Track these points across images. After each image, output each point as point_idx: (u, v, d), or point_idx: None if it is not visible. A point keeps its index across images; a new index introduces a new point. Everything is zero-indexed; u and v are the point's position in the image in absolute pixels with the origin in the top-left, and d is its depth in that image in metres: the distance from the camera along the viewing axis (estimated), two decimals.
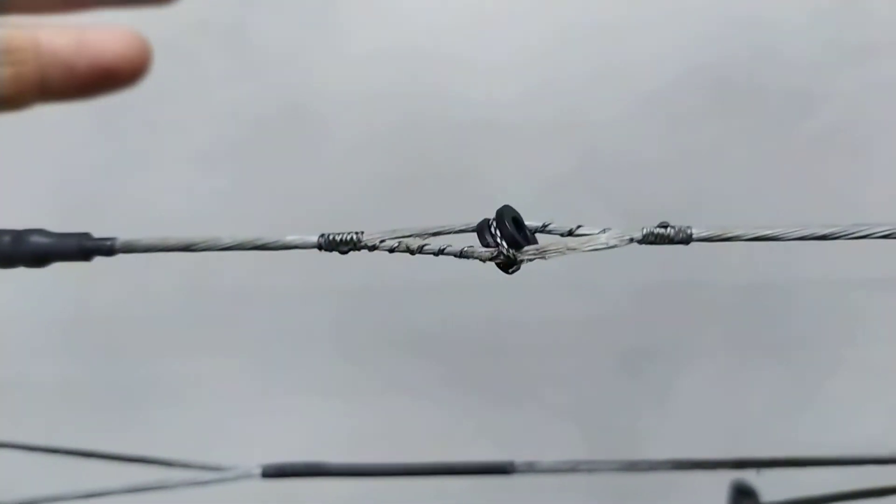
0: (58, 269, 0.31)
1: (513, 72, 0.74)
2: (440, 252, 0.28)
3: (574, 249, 0.28)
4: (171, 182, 0.74)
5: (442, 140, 0.79)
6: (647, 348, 0.84)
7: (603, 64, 0.74)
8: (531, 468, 0.33)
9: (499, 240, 0.27)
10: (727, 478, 0.37)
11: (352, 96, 0.73)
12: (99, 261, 0.31)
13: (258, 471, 0.35)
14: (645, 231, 0.28)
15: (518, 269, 0.28)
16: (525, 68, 0.73)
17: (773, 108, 0.76)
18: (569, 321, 0.80)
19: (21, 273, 0.31)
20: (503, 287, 0.85)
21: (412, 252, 0.28)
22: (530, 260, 0.28)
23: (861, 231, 0.27)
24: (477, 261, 0.28)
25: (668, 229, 0.28)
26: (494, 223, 0.28)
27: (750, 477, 0.35)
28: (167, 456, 0.36)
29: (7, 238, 0.30)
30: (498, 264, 0.28)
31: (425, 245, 0.28)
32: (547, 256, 0.28)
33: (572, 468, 0.34)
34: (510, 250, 0.27)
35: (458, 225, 0.29)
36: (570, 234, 0.28)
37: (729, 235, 0.28)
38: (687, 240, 0.28)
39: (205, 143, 0.74)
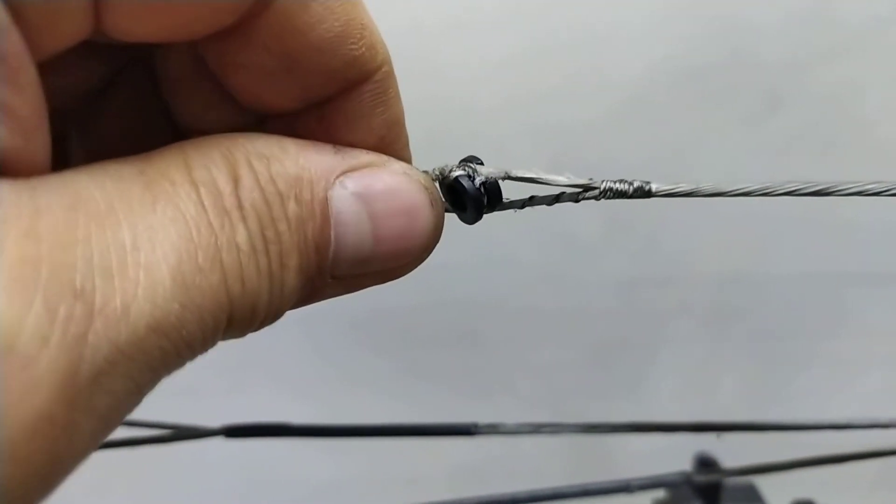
0: None
1: (492, 75, 0.74)
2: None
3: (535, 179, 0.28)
4: None
5: (422, 144, 0.79)
6: (621, 339, 0.85)
7: (581, 65, 0.75)
8: (494, 430, 0.33)
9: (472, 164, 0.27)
10: (687, 441, 0.37)
11: None
12: None
13: (221, 430, 0.35)
14: (605, 185, 0.28)
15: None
16: (505, 69, 0.74)
17: (746, 105, 0.76)
18: (544, 311, 0.81)
19: None
20: (479, 275, 0.85)
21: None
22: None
23: (836, 188, 0.28)
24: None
25: (627, 185, 0.28)
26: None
27: (710, 441, 0.35)
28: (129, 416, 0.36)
29: None
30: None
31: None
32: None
33: (534, 430, 0.34)
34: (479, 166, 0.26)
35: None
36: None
37: (687, 190, 0.28)
38: (647, 194, 0.28)
39: None
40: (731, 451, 0.45)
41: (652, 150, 0.77)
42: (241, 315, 0.21)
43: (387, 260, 0.24)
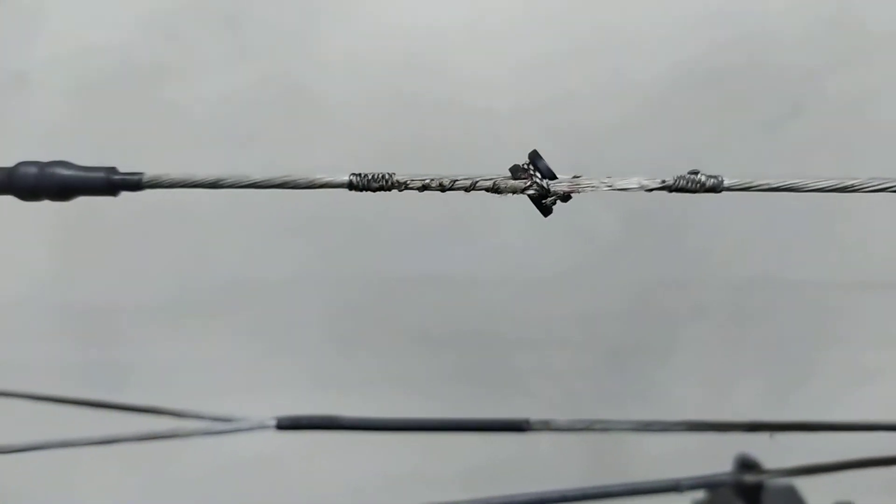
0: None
1: (513, 78, 0.74)
2: (472, 187, 0.28)
3: (609, 186, 0.28)
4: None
5: (440, 151, 0.79)
6: (638, 343, 0.84)
7: (602, 69, 0.74)
8: (546, 426, 0.33)
9: (532, 171, 0.27)
10: (739, 441, 0.37)
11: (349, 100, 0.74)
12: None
13: (273, 422, 0.35)
14: (677, 177, 0.28)
15: (552, 205, 0.28)
16: (526, 71, 0.74)
17: (766, 110, 0.76)
18: (562, 315, 0.80)
19: None
20: (498, 279, 0.85)
21: (443, 189, 0.28)
22: (564, 194, 0.28)
23: (881, 184, 0.28)
24: (508, 197, 0.28)
25: (700, 176, 0.28)
26: (528, 160, 0.28)
27: (763, 441, 0.35)
28: (180, 407, 0.36)
29: (33, 170, 0.30)
30: (531, 196, 0.27)
31: (456, 181, 0.28)
32: (580, 190, 0.28)
33: (587, 427, 0.33)
34: (544, 180, 0.27)
35: (488, 175, 0.29)
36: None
37: (758, 185, 0.28)
38: (717, 187, 0.28)
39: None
40: (767, 453, 0.45)
41: (671, 154, 0.77)
42: None
43: None
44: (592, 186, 0.28)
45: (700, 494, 0.45)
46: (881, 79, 0.76)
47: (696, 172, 0.28)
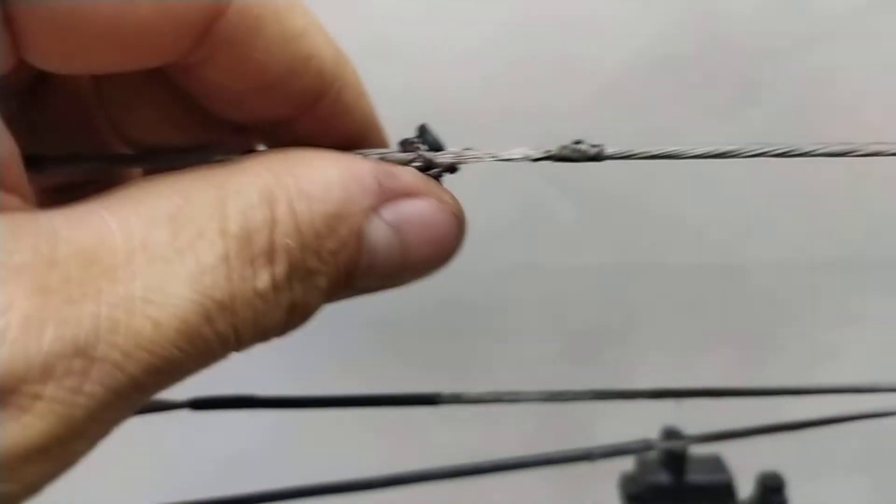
0: None
1: (471, 61, 0.75)
2: None
3: (494, 157, 0.29)
4: None
5: (404, 132, 0.80)
6: (599, 330, 0.85)
7: (559, 53, 0.75)
8: (457, 399, 0.34)
9: (418, 143, 0.28)
10: (647, 407, 0.38)
11: None
12: None
13: (187, 402, 0.36)
14: (561, 146, 0.29)
15: (438, 177, 0.29)
16: (483, 58, 0.75)
17: (724, 93, 0.77)
18: (522, 300, 0.81)
19: None
20: (455, 265, 0.86)
21: None
22: (449, 166, 0.28)
23: (758, 150, 0.29)
24: None
25: (582, 145, 0.29)
26: (417, 133, 0.29)
27: (669, 407, 0.36)
28: None
29: None
30: (417, 167, 0.28)
31: None
32: (465, 160, 0.28)
33: (496, 398, 0.34)
34: (430, 152, 0.28)
35: (379, 150, 0.30)
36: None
37: (639, 154, 0.29)
38: (599, 156, 0.29)
39: None
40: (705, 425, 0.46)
41: (632, 138, 0.78)
42: (250, 343, 0.22)
43: (408, 277, 0.26)
44: (477, 158, 0.29)
45: (629, 467, 0.46)
46: (839, 59, 0.77)
47: (579, 142, 0.29)
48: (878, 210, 0.82)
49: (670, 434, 0.43)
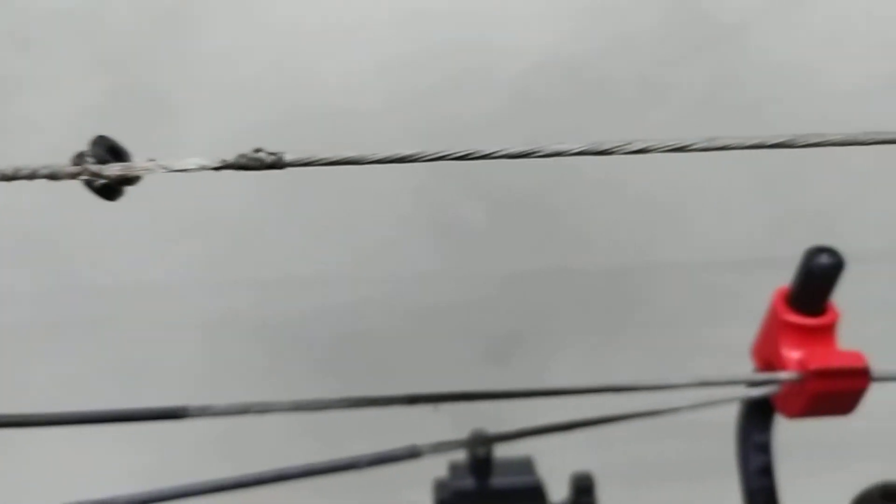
0: None
1: (374, 78, 0.75)
2: (33, 175, 0.28)
3: (165, 169, 0.28)
4: None
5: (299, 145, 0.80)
6: (512, 334, 0.85)
7: (462, 65, 0.75)
8: (205, 412, 0.34)
9: (87, 156, 0.28)
10: (405, 414, 0.38)
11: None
12: None
13: None
14: (238, 155, 0.29)
15: (113, 190, 0.29)
16: (386, 70, 0.75)
17: (625, 97, 0.77)
18: (432, 308, 0.81)
19: None
20: (361, 274, 0.86)
21: (8, 179, 0.29)
22: (119, 179, 0.28)
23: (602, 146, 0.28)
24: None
25: (261, 153, 0.29)
26: (90, 145, 0.29)
27: (427, 411, 0.36)
28: None
29: None
30: (87, 183, 0.28)
31: (19, 171, 0.29)
32: (135, 173, 0.28)
33: (244, 410, 0.34)
34: (97, 165, 0.28)
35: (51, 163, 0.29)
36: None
37: (319, 160, 0.29)
38: (278, 163, 0.29)
39: None
40: None
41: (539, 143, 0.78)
42: None
43: None
44: (147, 169, 0.28)
45: (443, 474, 0.45)
46: (731, 66, 0.77)
47: (259, 150, 0.29)
48: (785, 209, 0.81)
49: (475, 438, 0.42)
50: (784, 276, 0.85)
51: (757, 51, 0.76)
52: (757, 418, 0.44)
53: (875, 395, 0.38)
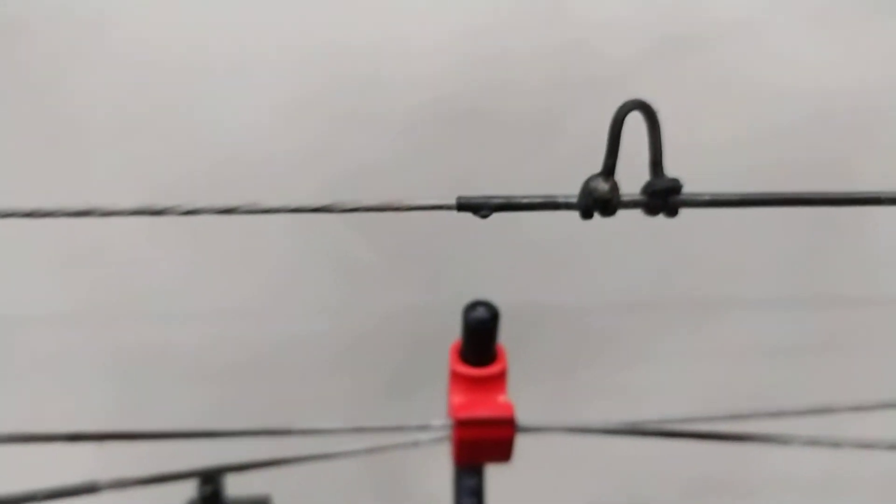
0: None
1: (269, 123, 0.78)
2: None
3: None
4: None
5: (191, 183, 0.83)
6: (412, 370, 0.86)
7: (355, 109, 0.78)
8: None
9: None
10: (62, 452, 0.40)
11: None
12: None
13: None
14: None
15: None
16: (281, 115, 0.78)
17: (521, 134, 0.79)
18: (331, 343, 0.83)
19: None
20: (258, 307, 0.88)
21: None
22: None
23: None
24: None
25: None
26: None
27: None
28: None
29: None
30: None
31: None
32: None
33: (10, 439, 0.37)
34: None
35: None
36: None
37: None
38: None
39: None
40: None
41: (441, 187, 0.80)
42: None
43: None
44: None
45: None
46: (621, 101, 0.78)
47: None
48: (673, 251, 0.81)
49: (209, 472, 0.44)
50: (671, 318, 0.84)
51: (652, 88, 0.76)
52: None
53: None
